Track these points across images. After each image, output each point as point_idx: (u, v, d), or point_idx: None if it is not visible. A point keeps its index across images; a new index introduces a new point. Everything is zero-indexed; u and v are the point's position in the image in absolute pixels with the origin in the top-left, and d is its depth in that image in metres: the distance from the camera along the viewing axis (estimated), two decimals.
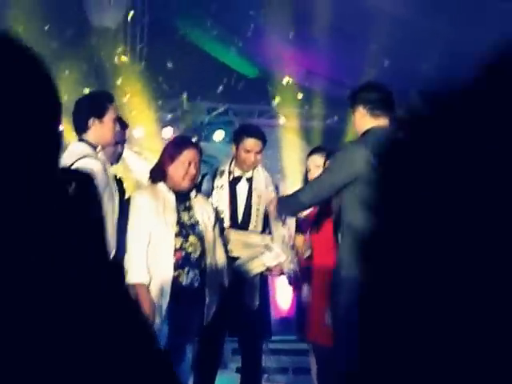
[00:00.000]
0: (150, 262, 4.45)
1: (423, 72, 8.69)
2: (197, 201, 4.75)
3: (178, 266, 4.51)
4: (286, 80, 10.31)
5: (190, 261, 4.55)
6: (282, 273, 5.26)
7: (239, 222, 5.20)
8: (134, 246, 4.46)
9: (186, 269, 4.52)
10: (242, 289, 5.06)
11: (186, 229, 4.59)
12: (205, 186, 5.22)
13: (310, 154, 5.53)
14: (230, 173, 5.28)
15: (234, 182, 5.25)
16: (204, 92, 10.68)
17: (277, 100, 10.69)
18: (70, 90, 10.12)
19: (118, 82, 10.14)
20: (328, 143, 10.80)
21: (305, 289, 5.18)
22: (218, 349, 5.09)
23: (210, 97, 10.87)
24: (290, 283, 5.35)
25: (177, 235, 4.55)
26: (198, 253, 4.58)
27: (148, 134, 10.86)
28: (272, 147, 10.55)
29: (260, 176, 5.32)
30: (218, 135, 11.17)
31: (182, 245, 4.54)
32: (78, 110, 4.56)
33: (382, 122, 4.17)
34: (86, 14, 9.45)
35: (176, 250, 4.51)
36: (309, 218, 5.22)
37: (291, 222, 5.29)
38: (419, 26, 8.22)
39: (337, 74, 9.96)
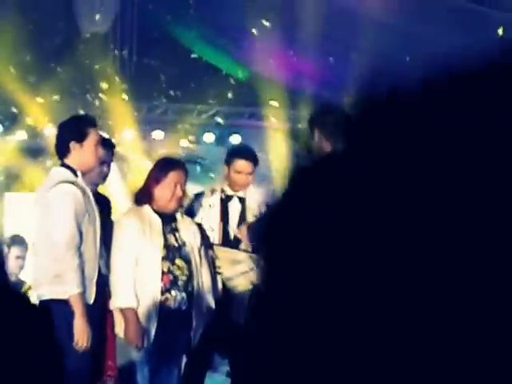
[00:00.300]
0: (137, 285, 4.42)
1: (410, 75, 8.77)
2: (182, 222, 4.71)
3: (165, 290, 4.48)
4: (275, 82, 10.36)
5: (177, 284, 4.53)
6: None
7: (231, 240, 5.16)
8: (120, 270, 4.42)
9: (174, 292, 4.51)
10: (229, 305, 5.05)
11: (172, 252, 4.55)
12: (197, 205, 5.19)
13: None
14: (221, 191, 5.25)
15: (225, 201, 5.22)
16: (194, 94, 10.72)
17: (266, 102, 10.75)
18: (59, 93, 10.20)
19: (108, 85, 10.18)
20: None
21: None
22: (204, 370, 5.09)
23: (200, 99, 10.91)
24: None
25: (163, 258, 4.51)
26: (186, 276, 4.56)
27: (138, 137, 10.93)
28: (262, 149, 10.63)
29: (253, 195, 5.27)
30: (208, 137, 11.23)
31: (169, 268, 4.52)
32: (59, 133, 4.53)
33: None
34: (76, 18, 9.48)
35: (163, 274, 4.49)
36: None
37: None
38: (406, 31, 8.29)
39: (326, 77, 10.03)
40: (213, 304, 4.81)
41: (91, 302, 4.25)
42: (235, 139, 11.20)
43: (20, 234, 10.50)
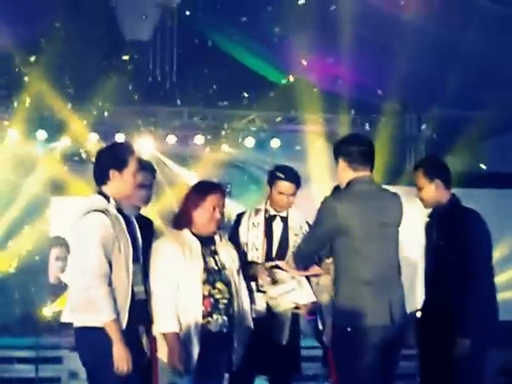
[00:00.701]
0: (178, 309, 4.43)
1: (446, 82, 8.84)
2: (221, 245, 4.70)
3: (206, 314, 4.48)
4: (313, 87, 10.46)
5: (218, 307, 4.52)
6: (311, 312, 5.17)
7: (274, 259, 5.16)
8: (162, 295, 4.42)
9: (215, 316, 4.51)
10: (271, 324, 5.08)
11: (213, 275, 4.55)
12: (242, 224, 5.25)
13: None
14: (265, 211, 5.27)
15: (269, 220, 5.25)
16: (234, 99, 10.85)
17: (304, 106, 10.84)
18: (103, 101, 10.39)
19: (149, 90, 10.35)
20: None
21: None
22: None
23: (239, 104, 11.04)
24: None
25: (204, 282, 4.50)
26: (226, 299, 4.56)
27: (180, 141, 11.09)
28: (299, 153, 10.73)
29: (295, 214, 5.32)
30: (249, 142, 11.36)
31: (209, 292, 4.51)
32: (99, 161, 4.45)
33: (362, 173, 4.37)
34: (119, 27, 9.67)
35: (204, 298, 4.48)
36: None
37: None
38: (445, 37, 8.35)
39: (363, 81, 10.10)
40: (251, 325, 4.81)
41: (123, 327, 4.21)
42: (275, 143, 11.33)
43: (61, 236, 10.77)
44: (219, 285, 4.55)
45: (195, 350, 4.40)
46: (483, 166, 10.71)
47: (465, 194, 5.09)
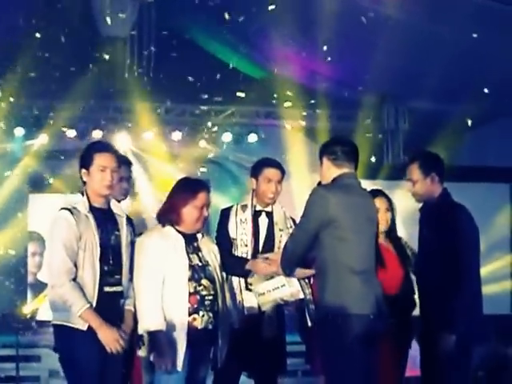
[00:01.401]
0: (164, 307, 4.40)
1: (424, 74, 8.88)
2: (203, 241, 4.69)
3: (193, 311, 4.45)
4: (291, 81, 10.48)
5: (204, 304, 4.50)
6: (298, 308, 5.18)
7: (261, 254, 5.17)
8: (147, 292, 4.39)
9: (201, 313, 4.48)
10: (258, 321, 5.08)
11: (197, 272, 4.53)
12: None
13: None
14: (252, 207, 5.26)
15: (255, 216, 5.27)
16: (211, 95, 10.84)
17: (282, 101, 10.86)
18: (80, 97, 10.36)
19: (127, 88, 10.33)
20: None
21: None
22: None
23: (217, 99, 11.04)
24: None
25: (189, 279, 4.47)
26: (212, 295, 4.53)
27: (157, 138, 11.08)
28: (278, 148, 10.75)
29: (280, 210, 5.35)
30: (226, 137, 11.37)
31: (195, 288, 4.49)
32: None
33: (347, 170, 4.50)
34: (95, 23, 9.64)
35: (190, 294, 4.45)
36: None
37: None
38: (422, 30, 8.39)
39: (341, 75, 10.13)
40: (235, 322, 4.85)
41: (85, 328, 4.24)
42: (252, 138, 11.34)
43: (37, 231, 10.73)
44: (204, 281, 4.53)
45: (182, 348, 4.38)
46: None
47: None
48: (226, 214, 5.32)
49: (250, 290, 5.11)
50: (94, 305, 4.28)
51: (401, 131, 11.65)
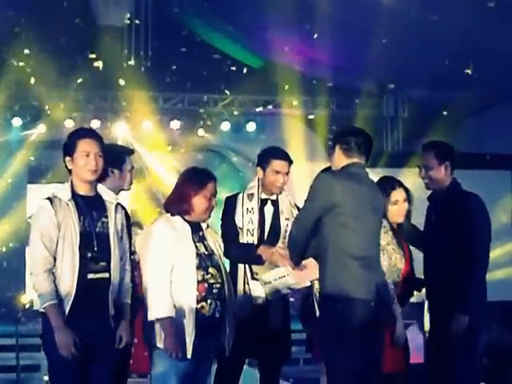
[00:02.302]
0: (173, 295, 4.41)
1: (423, 62, 8.87)
2: (207, 231, 4.71)
3: (201, 299, 4.45)
4: (289, 70, 10.46)
5: (212, 292, 4.50)
6: (304, 297, 5.25)
7: (266, 243, 5.16)
8: (157, 280, 4.40)
9: (209, 301, 4.48)
10: (264, 310, 5.08)
11: (204, 260, 4.54)
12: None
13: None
14: (258, 196, 5.23)
15: (261, 205, 5.25)
16: (209, 84, 10.84)
17: (281, 89, 10.85)
18: (78, 87, 10.36)
19: (125, 78, 10.32)
20: (334, 131, 11.00)
21: None
22: (236, 375, 5.15)
23: (215, 88, 11.04)
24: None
25: (197, 267, 4.49)
26: (219, 283, 4.55)
27: (155, 127, 11.08)
28: (277, 136, 10.74)
29: (285, 199, 5.33)
30: (225, 126, 11.37)
31: (203, 277, 4.50)
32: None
33: (356, 160, 4.54)
34: (93, 13, 9.62)
35: (198, 283, 4.46)
36: None
37: None
38: (421, 18, 8.38)
39: (340, 63, 10.12)
40: (239, 310, 4.83)
41: (65, 317, 4.22)
42: (251, 127, 11.34)
43: None
44: (212, 270, 4.53)
45: (191, 335, 4.38)
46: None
47: None
48: (231, 202, 5.29)
49: (257, 280, 5.10)
50: (74, 293, 4.25)
51: (400, 119, 11.65)
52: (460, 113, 10.25)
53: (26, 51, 9.59)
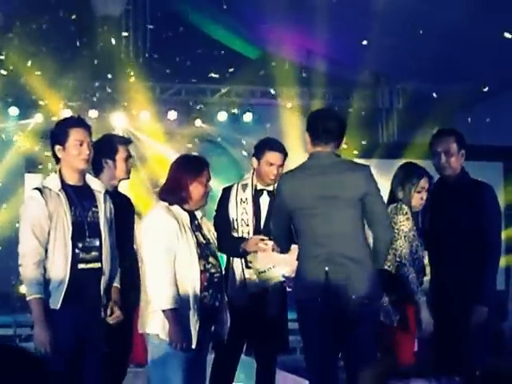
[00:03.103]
0: (177, 285, 4.37)
1: (418, 54, 8.90)
2: (203, 220, 4.66)
3: (203, 289, 4.42)
4: (286, 61, 10.50)
5: (213, 282, 4.47)
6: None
7: (262, 233, 5.19)
8: (161, 271, 4.34)
9: (211, 290, 4.46)
10: (260, 298, 5.13)
11: (203, 249, 4.50)
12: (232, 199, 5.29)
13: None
14: (252, 186, 5.29)
15: (257, 195, 5.29)
16: (206, 74, 10.86)
17: (278, 80, 10.88)
18: (75, 77, 10.37)
19: (122, 68, 10.34)
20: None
21: None
22: (234, 364, 5.19)
23: (212, 79, 11.06)
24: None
25: (199, 257, 4.44)
26: (219, 272, 4.52)
27: (153, 117, 11.10)
28: (274, 127, 10.79)
29: None
30: (222, 116, 11.40)
31: (205, 266, 4.46)
32: (50, 140, 4.51)
33: (320, 149, 4.43)
34: (90, 2, 9.64)
35: (201, 272, 4.42)
36: None
37: None
38: (416, 10, 8.41)
39: (336, 54, 10.15)
40: (233, 299, 4.88)
41: (58, 307, 4.22)
42: (247, 118, 11.37)
43: None
44: (212, 259, 4.51)
45: (196, 326, 4.36)
46: None
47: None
48: (226, 193, 5.32)
49: (250, 268, 5.14)
50: (67, 283, 4.24)
51: (395, 110, 11.69)
52: (454, 104, 10.29)
53: (23, 41, 9.58)
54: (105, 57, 10.22)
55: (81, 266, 4.31)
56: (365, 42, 8.98)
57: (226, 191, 5.34)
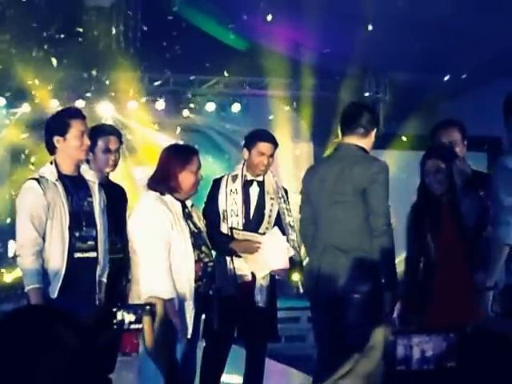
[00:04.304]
0: (173, 275, 4.35)
1: (404, 47, 8.95)
2: (192, 208, 4.64)
3: (198, 278, 4.41)
4: (275, 52, 10.52)
5: (207, 271, 4.49)
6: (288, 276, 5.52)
7: (251, 224, 5.27)
8: (156, 261, 4.30)
9: (204, 280, 4.46)
10: (250, 288, 5.16)
11: (196, 239, 4.49)
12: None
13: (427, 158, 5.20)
14: (242, 177, 5.33)
15: (246, 186, 5.33)
16: (195, 64, 10.86)
17: (266, 71, 10.91)
18: (64, 67, 10.36)
19: (111, 58, 10.33)
20: (318, 113, 11.09)
21: None
22: (225, 352, 5.21)
23: (200, 69, 11.07)
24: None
25: (193, 247, 4.43)
26: (212, 262, 4.54)
27: (141, 107, 11.10)
28: (262, 117, 10.82)
29: (271, 179, 5.42)
30: (210, 106, 11.41)
31: (198, 256, 4.46)
32: (45, 130, 4.48)
33: (346, 139, 4.70)
34: None
35: (195, 262, 4.42)
36: None
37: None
38: (403, 3, 8.46)
39: (323, 45, 10.18)
40: (222, 288, 4.87)
41: (55, 295, 4.27)
42: (236, 108, 11.39)
43: None
44: (204, 248, 4.53)
45: (191, 315, 4.39)
46: None
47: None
48: (216, 185, 5.35)
49: (240, 257, 5.18)
50: (64, 272, 4.28)
51: (381, 102, 11.74)
52: (439, 95, 10.36)
53: (10, 29, 9.55)
54: (93, 47, 10.21)
55: (77, 255, 4.35)
56: (353, 34, 9.01)
57: (216, 182, 5.38)
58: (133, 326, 2.16)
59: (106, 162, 5.00)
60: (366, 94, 11.71)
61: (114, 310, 2.14)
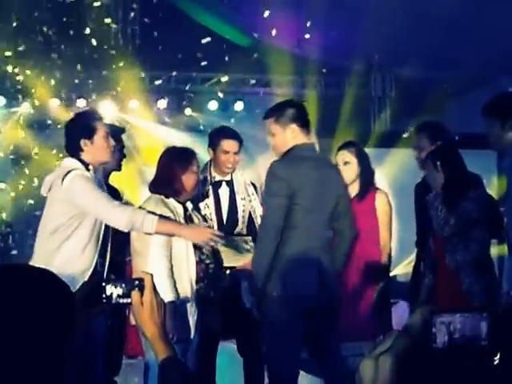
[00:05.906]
0: (175, 277, 4.41)
1: (411, 42, 8.85)
2: (192, 210, 4.71)
3: (199, 280, 4.49)
4: (278, 49, 10.43)
5: (208, 273, 4.54)
6: None
7: (225, 226, 5.19)
8: (160, 263, 4.34)
9: (206, 281, 4.52)
10: (238, 291, 5.11)
11: None
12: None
13: (339, 149, 5.43)
14: (211, 179, 5.25)
15: (215, 187, 5.27)
16: (197, 62, 10.78)
17: (270, 68, 10.82)
18: (63, 66, 10.28)
19: (112, 56, 10.26)
20: (323, 110, 11.00)
21: None
22: (214, 352, 5.17)
23: (202, 67, 10.98)
24: None
25: (194, 249, 4.48)
26: (213, 263, 4.58)
27: (142, 105, 11.02)
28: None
29: (239, 178, 5.35)
30: (212, 105, 11.32)
31: (200, 257, 4.51)
32: (68, 132, 4.55)
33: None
34: None
35: (196, 264, 4.48)
36: None
37: None
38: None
39: (329, 42, 10.09)
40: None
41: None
42: (238, 106, 11.30)
43: None
44: (205, 250, 4.54)
45: (194, 317, 4.43)
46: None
47: None
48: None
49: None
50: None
51: (388, 99, 11.65)
52: (447, 93, 10.26)
53: (8, 27, 9.50)
54: (93, 45, 10.13)
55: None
56: (358, 30, 8.91)
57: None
58: (122, 300, 2.20)
59: (113, 161, 5.02)
60: (372, 91, 11.63)
61: (103, 284, 2.16)
